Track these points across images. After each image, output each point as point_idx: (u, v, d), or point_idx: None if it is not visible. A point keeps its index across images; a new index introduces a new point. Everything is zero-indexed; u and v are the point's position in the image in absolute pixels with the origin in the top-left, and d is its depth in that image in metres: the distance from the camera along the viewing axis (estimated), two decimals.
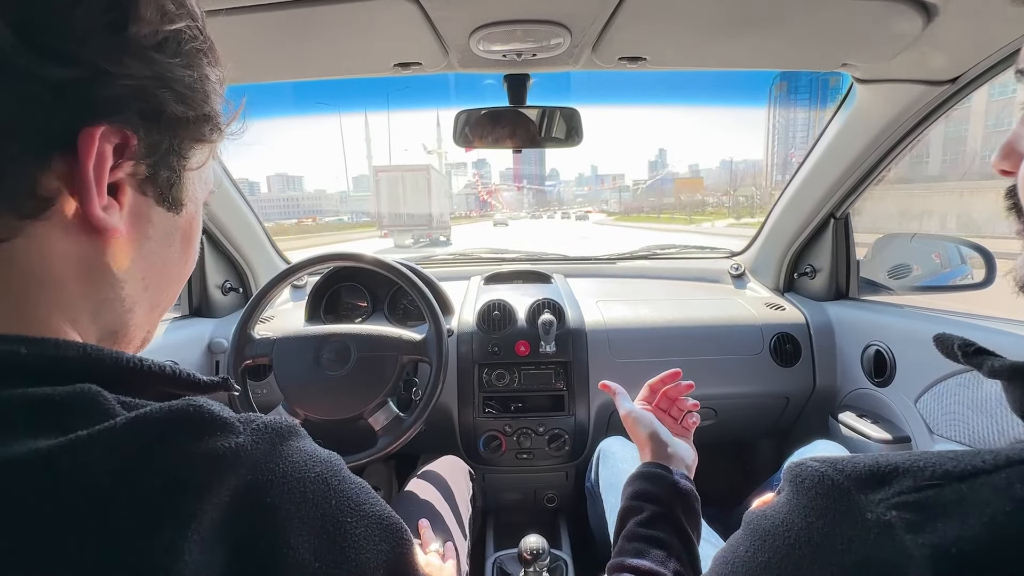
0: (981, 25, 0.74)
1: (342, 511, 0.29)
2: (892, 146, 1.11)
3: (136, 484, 0.23)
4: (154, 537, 0.23)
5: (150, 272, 0.34)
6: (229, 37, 0.75)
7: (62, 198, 0.28)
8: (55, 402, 0.24)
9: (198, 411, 0.26)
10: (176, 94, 0.30)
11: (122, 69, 0.27)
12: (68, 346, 0.27)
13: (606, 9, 0.72)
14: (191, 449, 0.25)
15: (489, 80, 1.02)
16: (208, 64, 0.32)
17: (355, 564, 0.29)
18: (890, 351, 1.14)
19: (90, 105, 0.27)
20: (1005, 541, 0.22)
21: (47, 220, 0.27)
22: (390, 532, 0.32)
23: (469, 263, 1.73)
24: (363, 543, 0.30)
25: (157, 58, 0.29)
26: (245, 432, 0.27)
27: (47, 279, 0.28)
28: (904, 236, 1.33)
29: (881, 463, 0.26)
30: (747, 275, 1.61)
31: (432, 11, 0.71)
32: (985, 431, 0.92)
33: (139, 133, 0.29)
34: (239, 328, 1.03)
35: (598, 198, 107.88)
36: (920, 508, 0.24)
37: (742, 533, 0.32)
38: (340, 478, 0.30)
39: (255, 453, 0.27)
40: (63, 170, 0.27)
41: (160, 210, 0.33)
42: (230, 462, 0.26)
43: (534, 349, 1.24)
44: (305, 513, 0.27)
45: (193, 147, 0.33)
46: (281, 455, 0.28)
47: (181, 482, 0.24)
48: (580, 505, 1.16)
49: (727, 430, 1.39)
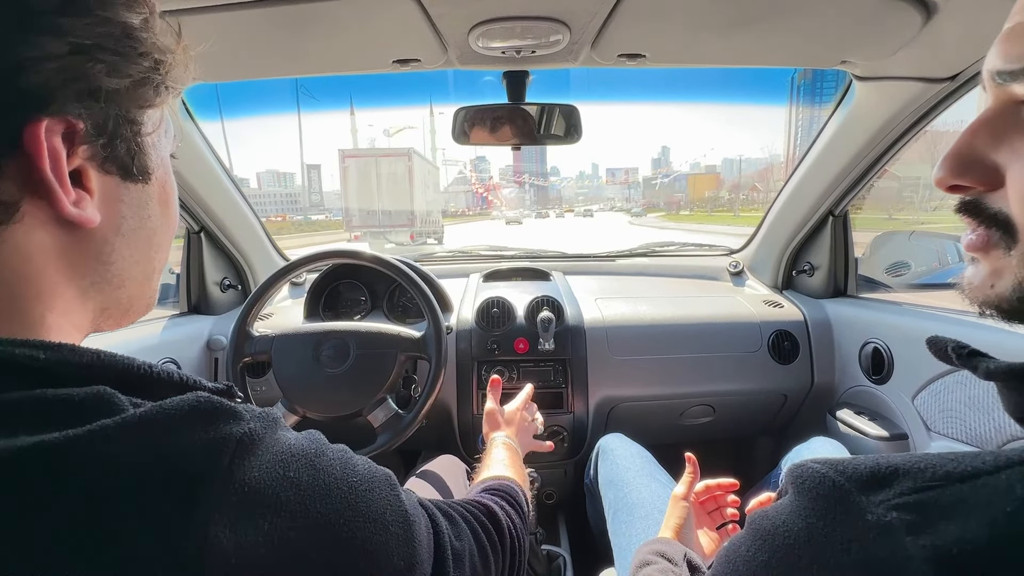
0: (980, 22, 0.74)
1: (345, 473, 0.32)
2: (891, 143, 1.11)
3: (160, 469, 0.24)
4: (187, 520, 0.24)
5: (134, 247, 0.33)
6: (228, 33, 0.75)
7: (27, 199, 0.27)
8: (74, 401, 0.25)
9: (208, 401, 0.28)
10: (104, 64, 0.28)
11: (36, 51, 0.25)
12: (83, 352, 0.28)
13: (605, 6, 0.72)
14: (209, 435, 0.26)
15: (488, 77, 1.02)
16: (125, 8, 0.29)
17: (365, 513, 0.32)
18: (888, 349, 1.15)
19: (21, 100, 0.26)
20: (1006, 542, 0.22)
21: (19, 222, 0.27)
22: (383, 481, 0.36)
23: (468, 260, 1.73)
24: (367, 495, 0.33)
25: (67, 23, 0.26)
26: (252, 419, 0.29)
27: (32, 276, 0.29)
28: (902, 234, 1.33)
29: (882, 464, 0.26)
30: (746, 272, 1.61)
31: (431, 8, 0.71)
32: (981, 428, 0.92)
33: (82, 115, 0.28)
34: (238, 325, 1.03)
35: (600, 196, 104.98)
36: (920, 509, 0.24)
37: (744, 533, 0.32)
38: (331, 448, 0.34)
39: (266, 436, 0.29)
40: (18, 171, 0.27)
41: (129, 185, 0.32)
42: (248, 444, 0.27)
43: (533, 346, 1.24)
44: (319, 481, 0.30)
45: (143, 112, 0.32)
46: (282, 439, 0.30)
47: (205, 466, 0.25)
48: (579, 501, 1.17)
49: (725, 427, 1.39)
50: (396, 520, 0.35)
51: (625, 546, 0.85)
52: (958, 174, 0.31)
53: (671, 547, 0.67)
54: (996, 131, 0.30)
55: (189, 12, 0.67)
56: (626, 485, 0.95)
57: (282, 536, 0.27)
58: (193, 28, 0.71)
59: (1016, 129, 0.29)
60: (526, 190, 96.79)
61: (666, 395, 1.30)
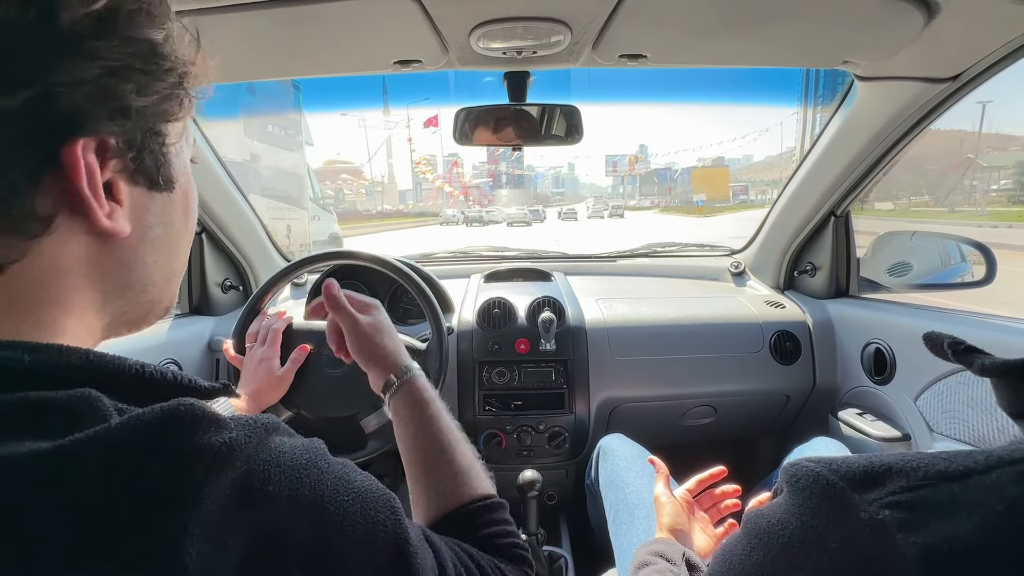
0: (982, 22, 0.74)
1: (336, 490, 0.30)
2: (893, 144, 1.11)
3: (134, 483, 0.23)
4: (156, 532, 0.23)
5: (159, 253, 0.34)
6: (228, 34, 0.75)
7: (62, 212, 0.28)
8: (55, 405, 0.25)
9: (189, 409, 0.26)
10: (134, 83, 0.29)
11: (72, 76, 0.26)
12: (71, 352, 0.27)
13: (607, 6, 0.72)
14: (185, 446, 0.25)
15: (489, 78, 1.02)
16: (150, 26, 0.29)
17: (351, 536, 0.30)
18: (890, 349, 1.14)
19: (58, 123, 0.27)
20: (996, 540, 0.23)
21: (51, 234, 0.28)
22: (381, 503, 0.33)
23: (469, 261, 1.73)
24: (358, 517, 0.31)
25: (100, 46, 0.27)
26: (236, 428, 0.28)
27: (56, 283, 0.29)
28: (904, 234, 1.33)
29: (875, 463, 0.27)
30: (747, 273, 1.61)
31: (432, 8, 0.71)
32: (985, 429, 0.92)
33: (114, 132, 0.29)
34: (239, 326, 1.03)
35: (575, 194, 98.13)
36: (912, 508, 0.24)
37: (740, 532, 0.32)
38: (328, 461, 0.32)
39: (248, 447, 0.27)
40: (55, 187, 0.28)
41: (155, 195, 0.33)
42: (226, 456, 0.26)
43: (534, 347, 1.24)
44: (302, 496, 0.28)
45: (168, 124, 0.33)
46: (272, 447, 0.29)
47: (179, 478, 0.24)
48: (580, 502, 1.17)
49: (727, 428, 1.39)
50: (387, 547, 0.32)
51: (626, 547, 0.85)
52: None
53: (670, 547, 0.67)
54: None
55: (189, 14, 0.67)
56: (627, 486, 0.95)
57: (257, 554, 0.26)
58: (193, 30, 0.71)
59: None
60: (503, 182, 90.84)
61: (667, 396, 1.29)
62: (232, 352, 0.97)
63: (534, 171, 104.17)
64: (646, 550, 0.68)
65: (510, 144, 1.06)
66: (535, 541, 1.06)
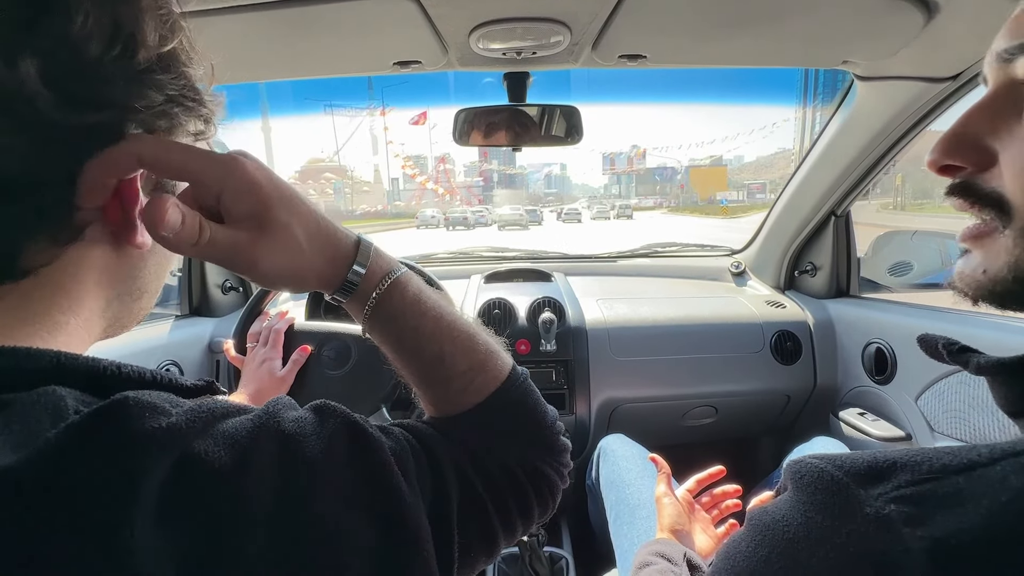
0: (982, 22, 0.74)
1: (284, 454, 0.28)
2: (893, 143, 1.11)
3: (71, 486, 0.23)
4: (99, 519, 0.22)
5: (160, 260, 0.36)
6: (227, 36, 0.75)
7: (94, 223, 0.30)
8: (12, 408, 0.24)
9: (125, 401, 0.25)
10: (184, 108, 0.32)
11: (143, 102, 0.29)
12: (41, 355, 0.27)
13: (606, 7, 0.72)
14: (121, 438, 0.25)
15: (489, 78, 1.02)
16: (190, 64, 0.33)
17: (322, 469, 0.29)
18: (891, 349, 1.14)
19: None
20: (1002, 532, 0.22)
21: (79, 242, 0.30)
22: (350, 427, 0.32)
23: (469, 262, 1.73)
24: (326, 447, 0.29)
25: (163, 80, 0.30)
26: (177, 413, 0.27)
27: (71, 287, 0.30)
28: (904, 233, 1.33)
29: (879, 459, 0.27)
30: (748, 273, 1.61)
31: (431, 9, 0.71)
32: (986, 428, 0.92)
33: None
34: (240, 326, 1.03)
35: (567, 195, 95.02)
36: (918, 501, 0.24)
37: (744, 529, 0.32)
38: (277, 421, 0.30)
39: (189, 431, 0.26)
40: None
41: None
42: (161, 440, 0.25)
43: (535, 347, 1.24)
44: (254, 461, 0.27)
45: (198, 144, 0.35)
46: (217, 431, 0.27)
47: (115, 466, 0.24)
48: (581, 503, 1.17)
49: (727, 428, 1.39)
50: (341, 433, 0.31)
51: (627, 547, 0.85)
52: (950, 154, 0.31)
53: (670, 547, 0.67)
54: (993, 114, 0.31)
55: (189, 15, 0.67)
56: (627, 486, 0.95)
57: (207, 536, 0.25)
58: (192, 31, 0.71)
59: (1014, 110, 0.30)
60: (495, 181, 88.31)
61: (668, 396, 1.29)
62: (233, 352, 0.97)
63: (526, 171, 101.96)
64: (647, 550, 0.68)
65: (510, 145, 1.06)
66: (536, 542, 1.06)
